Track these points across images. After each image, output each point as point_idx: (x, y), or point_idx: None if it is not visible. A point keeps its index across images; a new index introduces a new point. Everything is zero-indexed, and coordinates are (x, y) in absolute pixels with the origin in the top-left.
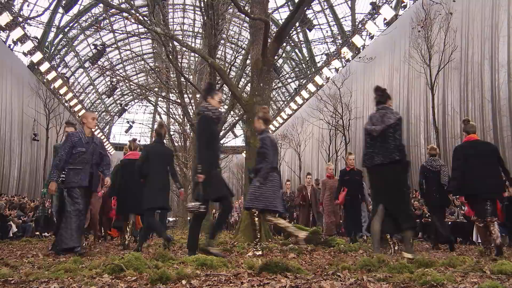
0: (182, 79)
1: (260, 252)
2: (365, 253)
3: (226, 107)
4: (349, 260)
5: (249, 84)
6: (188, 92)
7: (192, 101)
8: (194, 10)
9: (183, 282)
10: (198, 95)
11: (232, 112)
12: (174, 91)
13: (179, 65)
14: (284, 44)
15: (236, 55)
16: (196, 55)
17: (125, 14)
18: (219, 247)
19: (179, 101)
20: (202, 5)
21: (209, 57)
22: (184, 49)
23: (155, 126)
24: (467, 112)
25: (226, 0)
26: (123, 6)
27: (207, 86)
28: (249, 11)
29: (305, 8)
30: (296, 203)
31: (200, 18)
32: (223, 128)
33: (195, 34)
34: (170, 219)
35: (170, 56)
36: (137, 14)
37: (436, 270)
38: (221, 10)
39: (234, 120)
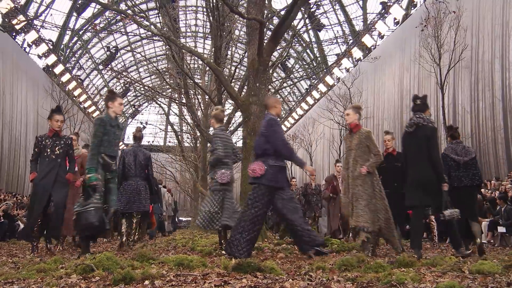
0: (189, 80)
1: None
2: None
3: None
4: (331, 261)
5: None
6: (197, 93)
7: (201, 102)
8: (202, 12)
9: (146, 282)
10: (206, 97)
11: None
12: (182, 91)
13: (185, 66)
14: (296, 44)
15: (244, 55)
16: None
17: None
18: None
19: (184, 101)
20: (208, 6)
21: (206, 57)
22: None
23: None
24: (478, 111)
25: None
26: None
27: (424, 99)
28: (246, 11)
29: (313, 9)
30: (324, 197)
31: (208, 20)
32: (229, 130)
33: (205, 35)
34: (183, 219)
35: (176, 57)
36: (133, 15)
37: (415, 270)
38: (227, 11)
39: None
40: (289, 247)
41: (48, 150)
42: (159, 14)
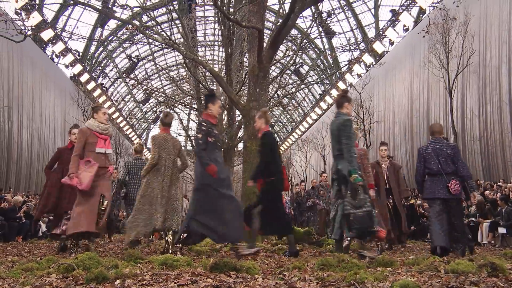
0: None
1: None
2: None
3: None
4: (314, 260)
5: None
6: None
7: None
8: (217, 21)
9: (117, 282)
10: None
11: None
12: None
13: (199, 73)
14: (310, 51)
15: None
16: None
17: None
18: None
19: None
20: (220, 16)
21: (208, 64)
22: (206, 57)
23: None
24: (486, 115)
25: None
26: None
27: None
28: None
29: (319, 15)
30: None
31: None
32: (238, 135)
33: (220, 44)
34: None
35: (189, 65)
36: (138, 24)
37: (393, 270)
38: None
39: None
40: (285, 247)
41: (218, 140)
42: (173, 25)
